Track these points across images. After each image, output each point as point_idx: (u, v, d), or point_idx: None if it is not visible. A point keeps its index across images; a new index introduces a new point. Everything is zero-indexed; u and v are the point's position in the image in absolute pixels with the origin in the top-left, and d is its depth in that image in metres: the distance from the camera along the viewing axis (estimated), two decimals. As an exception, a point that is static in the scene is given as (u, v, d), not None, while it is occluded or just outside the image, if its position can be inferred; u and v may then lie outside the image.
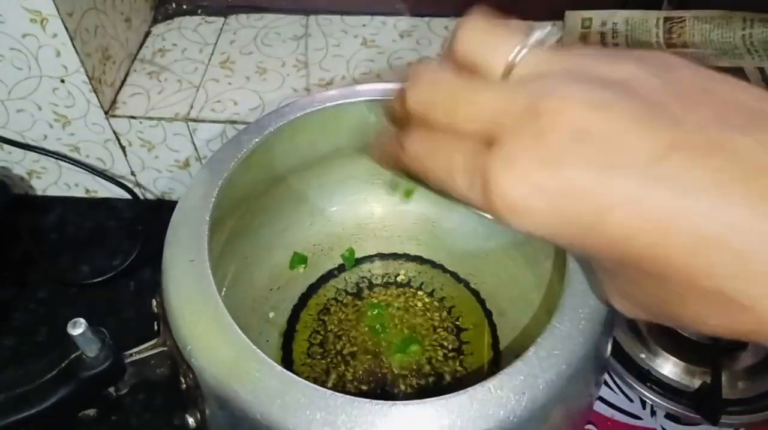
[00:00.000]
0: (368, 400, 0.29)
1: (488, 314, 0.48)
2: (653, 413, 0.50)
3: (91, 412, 0.34)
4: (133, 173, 0.66)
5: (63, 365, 0.31)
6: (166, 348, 0.34)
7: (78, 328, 0.30)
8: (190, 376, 0.32)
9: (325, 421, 0.29)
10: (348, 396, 0.29)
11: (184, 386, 0.33)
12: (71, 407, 0.32)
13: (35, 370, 0.32)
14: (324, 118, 0.43)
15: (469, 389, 0.29)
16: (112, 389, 0.34)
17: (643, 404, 0.51)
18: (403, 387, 0.45)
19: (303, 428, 0.29)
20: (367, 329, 0.48)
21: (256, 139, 0.39)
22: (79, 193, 0.68)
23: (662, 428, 0.50)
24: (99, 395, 0.33)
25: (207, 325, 0.32)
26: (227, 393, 0.31)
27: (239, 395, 0.30)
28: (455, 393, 0.29)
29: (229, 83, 0.62)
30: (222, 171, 0.38)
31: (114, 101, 0.61)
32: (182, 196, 0.38)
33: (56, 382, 0.31)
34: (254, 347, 0.31)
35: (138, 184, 0.67)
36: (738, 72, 0.63)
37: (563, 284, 0.33)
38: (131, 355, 0.34)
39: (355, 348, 0.47)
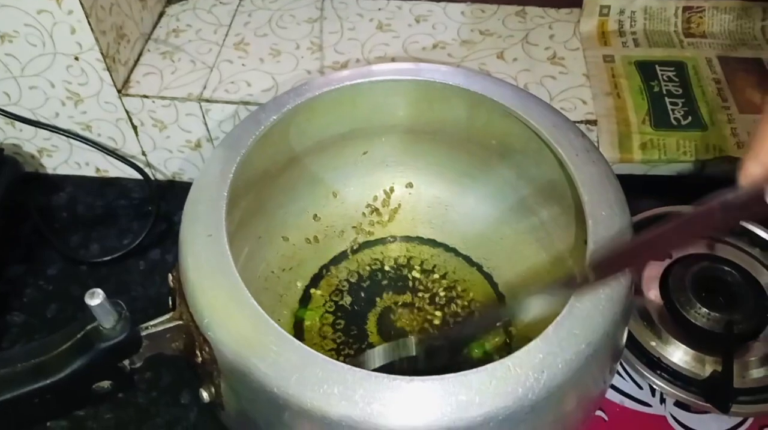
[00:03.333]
0: (386, 375, 0.29)
1: (501, 298, 0.48)
2: (662, 400, 0.50)
3: (106, 384, 0.34)
4: (144, 153, 0.65)
5: (80, 335, 0.31)
6: (182, 322, 0.34)
7: (96, 298, 0.30)
8: (207, 349, 0.32)
9: (343, 395, 0.29)
10: (366, 371, 0.29)
11: (200, 359, 0.33)
12: (87, 378, 0.32)
13: (52, 340, 0.32)
14: (341, 98, 0.43)
15: (488, 365, 0.29)
16: (127, 363, 0.34)
17: (653, 391, 0.50)
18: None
19: (320, 402, 0.29)
20: (379, 310, 0.48)
21: (274, 117, 0.39)
22: (90, 172, 0.68)
23: (671, 415, 0.49)
24: (114, 367, 0.33)
25: (225, 299, 0.32)
26: (244, 367, 0.30)
27: (257, 368, 0.30)
28: (474, 370, 0.29)
29: (243, 65, 0.61)
30: (240, 147, 0.38)
31: (127, 80, 0.61)
32: (200, 171, 0.37)
33: (73, 352, 0.31)
34: (272, 321, 0.31)
35: (149, 165, 0.66)
36: (756, 63, 0.63)
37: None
38: (147, 328, 0.34)
39: (366, 329, 0.47)
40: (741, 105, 0.59)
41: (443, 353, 0.41)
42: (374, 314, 0.48)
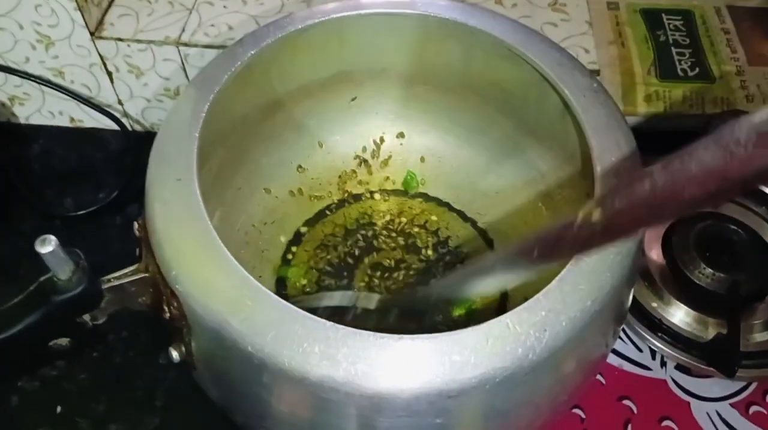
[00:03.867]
0: (372, 333, 0.27)
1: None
2: (663, 363, 0.48)
3: (64, 341, 0.31)
4: (120, 102, 0.62)
5: (32, 287, 0.28)
6: (148, 274, 0.31)
7: (48, 245, 0.27)
8: (175, 304, 0.29)
9: (324, 354, 0.26)
10: (350, 328, 0.27)
11: (168, 315, 0.30)
12: (41, 335, 0.29)
13: (1, 294, 0.29)
14: (327, 34, 0.39)
15: (484, 324, 0.27)
16: (88, 318, 0.31)
17: (653, 354, 0.48)
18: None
19: (299, 362, 0.27)
20: (367, 268, 0.45)
21: (252, 52, 0.36)
22: (64, 122, 0.65)
23: (672, 379, 0.47)
24: (73, 323, 0.30)
25: (194, 248, 0.29)
26: (216, 323, 0.28)
27: (229, 324, 0.27)
28: (469, 328, 0.27)
29: (225, 6, 0.58)
30: (214, 84, 0.34)
31: (101, 22, 0.57)
32: (170, 110, 0.34)
33: (24, 306, 0.28)
34: (246, 272, 0.28)
35: (126, 114, 0.63)
36: (766, 12, 0.60)
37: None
38: (109, 280, 0.31)
39: (354, 288, 0.44)
40: (751, 57, 0.57)
41: (414, 315, 0.38)
42: (362, 271, 0.45)
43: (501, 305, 0.43)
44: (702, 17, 0.59)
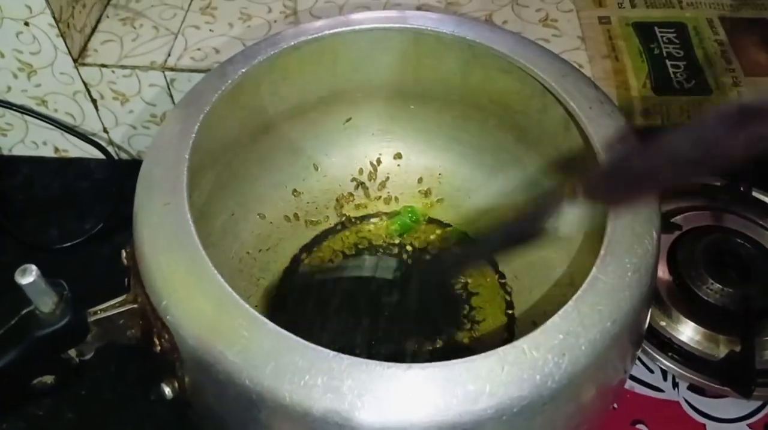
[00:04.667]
0: (379, 362, 0.25)
1: (501, 277, 0.43)
2: (675, 384, 0.46)
3: (49, 379, 0.29)
4: (105, 130, 0.61)
5: (12, 322, 0.26)
6: (137, 305, 0.29)
7: (28, 276, 0.25)
8: (166, 336, 0.27)
9: (328, 387, 0.24)
10: (356, 358, 0.25)
11: (159, 348, 0.28)
12: (23, 372, 0.27)
13: (-21, 329, 0.27)
14: (319, 52, 0.38)
15: (499, 349, 0.25)
16: (74, 354, 0.29)
17: (665, 375, 0.47)
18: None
19: (301, 396, 0.25)
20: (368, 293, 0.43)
21: (243, 70, 0.34)
22: (48, 152, 0.63)
23: (685, 400, 0.46)
24: (57, 359, 0.28)
25: (186, 276, 0.27)
26: (210, 355, 0.26)
27: (224, 356, 0.25)
28: (482, 355, 0.25)
29: (211, 30, 0.57)
30: (203, 104, 0.33)
31: (84, 48, 0.56)
32: (157, 131, 0.33)
33: (4, 343, 0.26)
34: (241, 300, 0.26)
35: (111, 143, 0.62)
36: (759, 23, 0.59)
37: (603, 230, 0.28)
38: (96, 313, 0.29)
39: (353, 315, 0.43)
40: (746, 67, 0.56)
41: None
42: (363, 296, 0.43)
43: (509, 329, 0.41)
44: (695, 29, 0.59)
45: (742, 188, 0.52)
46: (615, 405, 0.45)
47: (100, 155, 0.58)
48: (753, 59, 0.57)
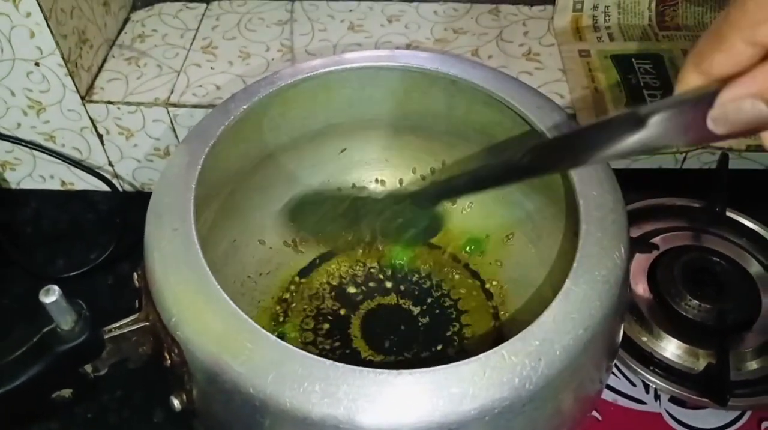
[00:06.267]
0: (372, 369, 0.27)
1: (489, 297, 0.46)
2: (657, 397, 0.48)
3: (67, 393, 0.31)
4: (110, 164, 0.63)
5: (35, 339, 0.29)
6: (148, 323, 0.31)
7: (51, 296, 0.28)
8: (176, 351, 0.30)
9: (325, 393, 0.27)
10: (350, 366, 0.27)
11: (169, 362, 0.30)
12: (45, 386, 0.29)
13: (5, 346, 0.29)
14: (315, 88, 0.41)
15: (481, 355, 0.27)
16: (89, 369, 0.31)
17: (647, 388, 0.49)
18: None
19: (301, 402, 0.27)
20: (363, 313, 0.46)
21: (245, 106, 0.37)
22: (55, 185, 0.65)
23: (667, 412, 0.48)
24: (75, 373, 0.30)
25: (193, 295, 0.30)
26: (217, 366, 0.28)
27: (230, 367, 0.28)
28: (466, 360, 0.27)
29: (212, 68, 0.60)
30: (208, 137, 0.35)
31: (91, 87, 0.58)
32: (166, 163, 0.35)
33: (28, 358, 0.29)
34: (245, 316, 0.29)
35: (116, 175, 0.64)
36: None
37: (576, 246, 0.31)
38: (110, 330, 0.31)
39: (350, 336, 0.45)
40: (720, 95, 0.59)
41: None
42: (358, 317, 0.46)
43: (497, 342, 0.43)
44: (671, 60, 0.61)
45: (717, 209, 0.55)
46: (599, 417, 0.47)
47: (105, 188, 0.60)
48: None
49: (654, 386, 0.48)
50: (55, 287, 0.28)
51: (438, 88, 0.42)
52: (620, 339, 0.35)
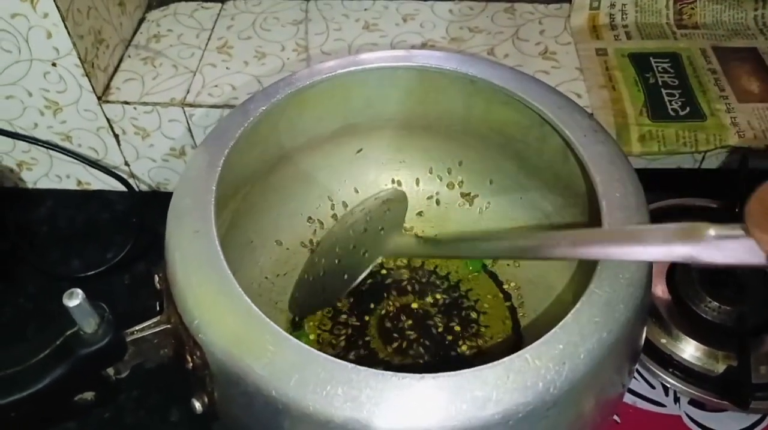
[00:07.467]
0: (394, 373, 0.27)
1: (507, 298, 0.45)
2: (677, 399, 0.48)
3: (89, 396, 0.31)
4: (126, 163, 0.63)
5: (58, 342, 0.29)
6: (170, 325, 0.31)
7: (75, 299, 0.28)
8: (197, 353, 0.29)
9: (348, 396, 0.27)
10: (372, 369, 0.27)
11: (191, 365, 0.30)
12: (68, 389, 0.29)
13: (29, 349, 0.29)
14: (332, 89, 0.41)
15: (505, 359, 0.27)
16: (111, 372, 0.31)
17: (666, 390, 0.48)
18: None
19: (323, 405, 0.27)
20: (380, 314, 0.45)
21: (263, 108, 0.37)
22: (71, 185, 0.66)
23: (687, 415, 0.47)
24: (98, 376, 0.30)
25: (215, 297, 0.30)
26: (238, 369, 0.28)
27: (252, 370, 0.28)
28: (489, 364, 0.27)
29: (227, 68, 0.60)
30: (228, 139, 0.35)
31: (107, 87, 0.59)
32: (186, 164, 0.35)
33: (51, 361, 0.29)
34: (267, 318, 0.29)
35: (132, 175, 0.64)
36: (751, 52, 0.62)
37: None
38: (132, 333, 0.31)
39: (368, 337, 0.45)
40: (739, 94, 0.58)
41: None
42: (375, 318, 0.46)
43: (516, 344, 0.43)
44: (689, 59, 0.61)
45: (736, 209, 0.54)
46: (618, 420, 0.46)
47: (121, 187, 0.60)
48: (745, 87, 0.59)
49: (673, 388, 0.47)
50: (79, 291, 0.28)
51: (456, 87, 0.42)
52: (643, 342, 0.35)
